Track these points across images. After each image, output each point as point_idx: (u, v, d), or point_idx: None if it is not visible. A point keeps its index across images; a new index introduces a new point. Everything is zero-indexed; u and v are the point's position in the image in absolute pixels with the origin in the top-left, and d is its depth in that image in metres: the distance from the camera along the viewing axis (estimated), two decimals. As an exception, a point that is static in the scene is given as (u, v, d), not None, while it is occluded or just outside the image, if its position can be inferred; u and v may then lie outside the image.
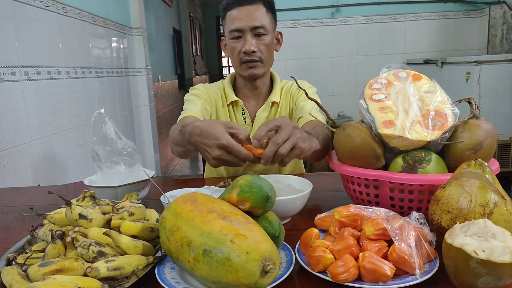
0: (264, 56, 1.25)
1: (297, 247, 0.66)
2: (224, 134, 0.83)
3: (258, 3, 1.22)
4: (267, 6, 1.24)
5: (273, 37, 1.28)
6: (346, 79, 3.90)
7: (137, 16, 3.59)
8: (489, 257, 0.49)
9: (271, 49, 1.28)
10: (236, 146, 0.82)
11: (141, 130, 3.70)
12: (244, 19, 1.20)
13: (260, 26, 1.21)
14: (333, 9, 3.81)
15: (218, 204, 0.59)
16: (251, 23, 1.20)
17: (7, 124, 1.68)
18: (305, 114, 1.26)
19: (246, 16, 1.20)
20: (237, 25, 1.21)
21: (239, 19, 1.21)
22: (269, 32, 1.24)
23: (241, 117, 1.35)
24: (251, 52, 1.22)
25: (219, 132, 0.83)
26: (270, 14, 1.25)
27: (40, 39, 1.99)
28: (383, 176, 0.76)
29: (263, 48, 1.24)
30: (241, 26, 1.20)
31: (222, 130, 0.84)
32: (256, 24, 1.20)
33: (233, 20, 1.22)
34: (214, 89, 1.38)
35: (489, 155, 0.77)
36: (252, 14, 1.20)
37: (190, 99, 1.32)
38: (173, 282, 0.58)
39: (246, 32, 1.21)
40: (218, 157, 0.84)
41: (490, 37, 3.68)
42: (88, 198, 0.78)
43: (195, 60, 7.73)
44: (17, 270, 0.57)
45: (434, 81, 0.86)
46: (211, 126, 0.85)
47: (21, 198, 1.16)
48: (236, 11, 1.21)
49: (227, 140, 0.82)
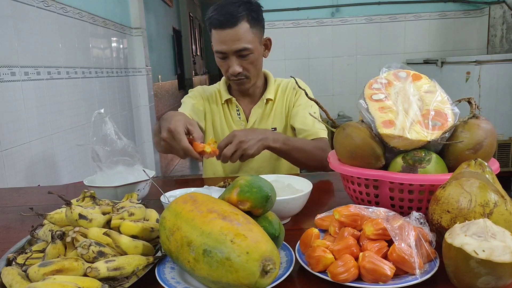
0: (251, 72, 1.26)
1: (297, 247, 0.66)
2: (177, 122, 0.94)
3: (241, 22, 1.18)
4: (250, 21, 1.20)
5: (259, 50, 1.27)
6: (346, 79, 3.90)
7: (137, 16, 3.59)
8: (489, 257, 0.49)
9: (258, 63, 1.29)
10: (180, 134, 0.92)
11: (141, 130, 3.70)
12: (227, 42, 1.19)
13: (243, 49, 1.20)
14: (333, 9, 3.80)
15: (218, 204, 0.59)
16: (234, 46, 1.19)
17: (7, 124, 1.68)
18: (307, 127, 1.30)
19: (229, 39, 1.19)
20: (220, 48, 1.21)
21: (222, 41, 1.20)
22: (254, 49, 1.23)
23: (236, 114, 1.38)
24: (236, 74, 1.24)
25: (175, 119, 0.95)
26: (254, 28, 1.22)
27: (40, 39, 1.99)
28: (383, 176, 0.76)
29: (249, 67, 1.25)
30: (225, 49, 1.21)
31: (179, 119, 0.95)
32: (239, 47, 1.20)
33: (217, 41, 1.22)
34: (210, 90, 1.42)
35: (489, 155, 0.77)
36: (234, 37, 1.19)
37: (185, 101, 1.38)
38: (173, 282, 0.58)
39: (230, 54, 1.21)
40: (165, 140, 0.95)
41: (490, 37, 3.68)
42: (88, 198, 0.78)
43: (194, 60, 7.73)
44: (17, 270, 0.57)
45: (434, 81, 0.86)
46: (175, 114, 1.00)
47: (21, 198, 1.16)
48: (218, 34, 1.20)
49: (175, 127, 0.93)
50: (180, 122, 0.94)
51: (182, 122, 0.95)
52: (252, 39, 1.22)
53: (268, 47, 1.35)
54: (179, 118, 0.96)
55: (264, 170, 1.35)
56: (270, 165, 1.36)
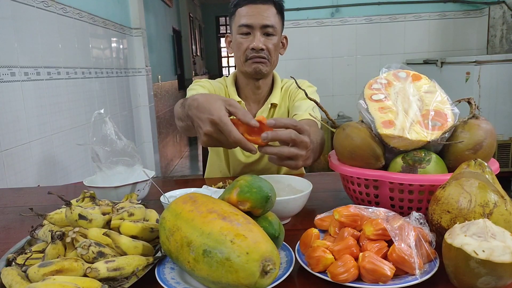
0: (271, 54, 1.25)
1: (297, 247, 0.66)
2: (220, 111, 0.75)
3: (270, 3, 1.23)
4: (278, 8, 1.25)
5: (280, 39, 1.29)
6: (346, 79, 3.90)
7: (137, 17, 3.59)
8: (489, 257, 0.49)
9: (278, 50, 1.29)
10: (228, 126, 0.74)
11: (141, 130, 3.70)
12: (255, 16, 1.21)
13: (270, 25, 1.22)
14: (333, 9, 3.81)
15: (218, 204, 0.59)
16: (262, 21, 1.21)
17: (6, 124, 1.68)
18: (300, 112, 1.25)
19: (257, 14, 1.21)
20: (247, 21, 1.21)
21: (250, 15, 1.21)
22: (277, 33, 1.25)
23: None
24: (259, 49, 1.22)
25: (215, 107, 0.76)
26: (279, 16, 1.26)
27: (40, 40, 1.99)
28: (383, 176, 0.76)
29: (271, 47, 1.24)
30: (251, 22, 1.21)
31: (219, 106, 0.76)
32: (267, 22, 1.21)
33: (244, 16, 1.22)
34: (217, 84, 1.38)
35: (489, 155, 0.77)
36: (264, 12, 1.21)
37: (195, 88, 1.30)
38: (173, 283, 0.58)
39: (256, 29, 1.21)
40: (210, 134, 0.76)
41: (489, 37, 3.68)
42: (88, 198, 0.78)
43: (194, 61, 7.73)
44: (17, 271, 0.57)
45: (433, 81, 0.86)
46: (209, 100, 0.78)
47: (21, 199, 1.16)
48: (248, 8, 1.22)
49: (220, 117, 0.74)
50: (221, 110, 0.75)
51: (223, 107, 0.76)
52: (277, 23, 1.25)
53: (284, 46, 1.36)
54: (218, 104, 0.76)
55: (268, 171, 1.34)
56: (273, 168, 1.35)
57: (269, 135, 0.75)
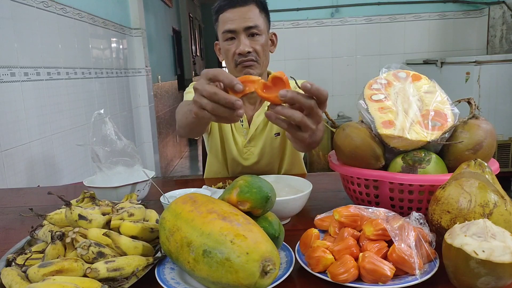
0: (260, 55, 1.23)
1: (297, 247, 0.66)
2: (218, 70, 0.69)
3: (251, 4, 1.20)
4: (260, 7, 1.22)
5: (267, 38, 1.26)
6: (345, 80, 3.90)
7: (137, 17, 3.59)
8: (489, 257, 0.49)
9: (266, 50, 1.26)
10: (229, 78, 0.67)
11: (141, 130, 3.70)
12: (237, 20, 1.19)
13: (254, 26, 1.19)
14: (332, 10, 3.81)
15: (218, 204, 0.59)
16: (244, 24, 1.19)
17: (6, 125, 1.68)
18: None
19: (238, 17, 1.19)
20: (230, 26, 1.19)
21: (232, 20, 1.19)
22: (263, 32, 1.23)
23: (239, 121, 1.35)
24: (246, 53, 1.19)
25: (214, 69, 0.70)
26: (263, 14, 1.24)
27: (40, 40, 1.99)
28: (383, 176, 0.76)
29: (259, 48, 1.21)
30: (234, 27, 1.19)
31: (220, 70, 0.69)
32: (249, 24, 1.19)
33: (226, 21, 1.20)
34: None
35: (489, 155, 0.77)
36: (245, 14, 1.19)
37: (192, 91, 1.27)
38: (173, 283, 0.58)
39: (240, 33, 1.19)
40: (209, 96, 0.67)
41: (489, 37, 3.69)
42: (88, 198, 0.78)
43: (194, 61, 7.72)
44: (17, 271, 0.57)
45: (433, 81, 0.86)
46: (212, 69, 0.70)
47: (21, 199, 1.16)
48: (229, 13, 1.20)
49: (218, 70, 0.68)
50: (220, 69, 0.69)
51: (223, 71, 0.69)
52: (262, 23, 1.22)
53: (274, 43, 1.34)
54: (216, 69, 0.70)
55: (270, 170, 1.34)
56: (276, 165, 1.34)
57: (289, 93, 0.67)
